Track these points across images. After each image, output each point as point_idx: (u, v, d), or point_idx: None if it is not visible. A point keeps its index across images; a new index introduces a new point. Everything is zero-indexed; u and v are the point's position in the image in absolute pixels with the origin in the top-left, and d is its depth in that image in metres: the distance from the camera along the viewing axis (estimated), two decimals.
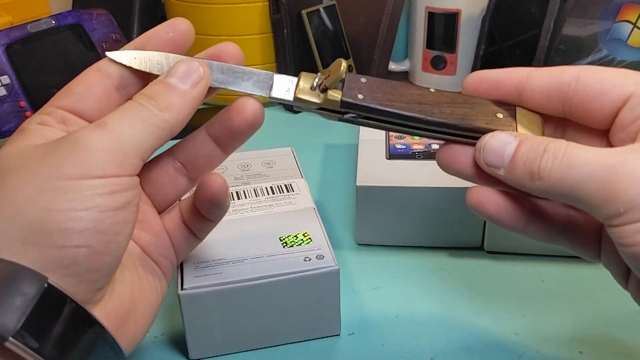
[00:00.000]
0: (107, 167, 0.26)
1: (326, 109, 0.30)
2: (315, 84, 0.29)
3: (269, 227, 0.38)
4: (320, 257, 0.36)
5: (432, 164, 0.45)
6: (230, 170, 0.45)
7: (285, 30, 0.64)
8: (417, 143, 0.48)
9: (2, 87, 0.54)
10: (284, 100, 0.30)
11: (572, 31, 0.68)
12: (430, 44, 0.73)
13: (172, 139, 0.30)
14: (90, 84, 0.30)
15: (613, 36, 0.66)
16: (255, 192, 0.42)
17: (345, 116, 0.30)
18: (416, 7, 0.72)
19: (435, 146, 0.48)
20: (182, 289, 0.34)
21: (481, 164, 0.29)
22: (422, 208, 0.44)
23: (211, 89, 0.31)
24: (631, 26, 0.66)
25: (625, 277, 0.29)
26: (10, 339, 0.23)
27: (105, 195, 0.26)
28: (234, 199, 0.41)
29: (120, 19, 0.66)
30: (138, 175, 0.28)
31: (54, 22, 0.59)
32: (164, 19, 0.72)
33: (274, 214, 0.40)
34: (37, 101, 0.56)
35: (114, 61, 0.30)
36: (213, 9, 0.65)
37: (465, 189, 0.42)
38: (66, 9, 0.65)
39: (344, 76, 0.29)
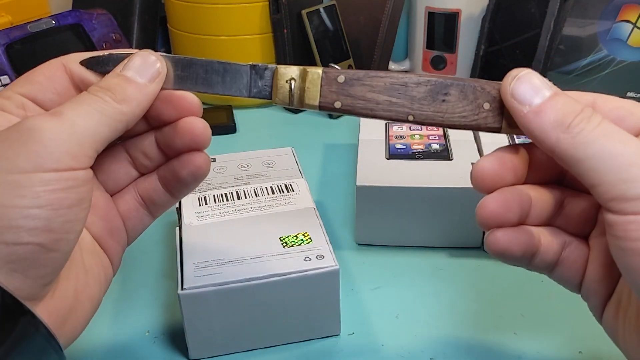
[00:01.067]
0: (62, 159, 0.25)
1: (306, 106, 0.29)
2: (292, 90, 0.29)
3: (269, 227, 0.38)
4: (320, 257, 0.36)
5: (432, 163, 0.46)
6: (230, 170, 0.45)
7: (285, 30, 0.64)
8: (417, 143, 0.48)
9: (2, 87, 0.54)
10: (262, 98, 0.29)
11: (572, 31, 0.68)
12: (430, 44, 0.73)
13: None
14: (52, 76, 0.29)
15: (613, 36, 0.67)
16: (255, 192, 0.42)
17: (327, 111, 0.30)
18: (416, 7, 0.72)
19: (435, 146, 0.48)
20: (182, 289, 0.34)
21: (506, 95, 0.27)
22: (421, 208, 0.44)
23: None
24: (631, 26, 0.66)
25: (601, 307, 0.29)
26: None
27: (58, 191, 0.25)
28: (234, 199, 0.41)
29: (120, 19, 0.66)
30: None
31: (54, 22, 0.59)
32: (164, 19, 0.72)
33: (274, 214, 0.40)
34: None
35: (81, 63, 0.29)
36: (213, 9, 0.65)
37: (466, 189, 0.43)
38: (66, 9, 0.65)
39: (319, 87, 0.28)
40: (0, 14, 0.68)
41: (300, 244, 0.37)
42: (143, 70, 0.29)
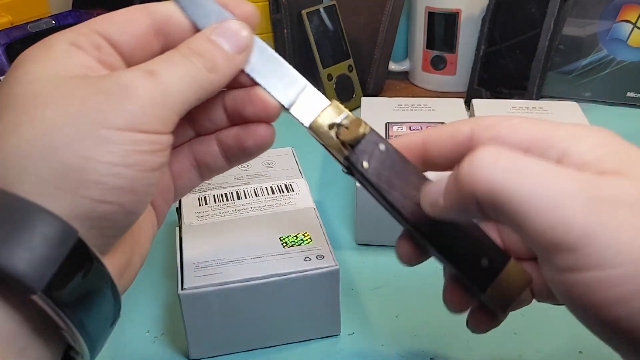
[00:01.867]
0: (153, 123, 0.25)
1: (331, 153, 0.28)
2: (335, 124, 0.27)
3: (269, 227, 0.38)
4: (320, 257, 0.36)
5: None
6: (230, 170, 0.45)
7: (285, 30, 0.64)
8: None
9: None
10: (298, 120, 0.28)
11: (572, 31, 0.68)
12: (430, 44, 0.73)
13: None
14: (133, 18, 0.27)
15: (613, 36, 0.67)
16: (255, 192, 0.42)
17: (345, 170, 0.28)
18: (416, 7, 0.72)
19: None
20: (182, 289, 0.34)
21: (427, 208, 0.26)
22: None
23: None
24: (631, 26, 0.66)
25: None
26: (39, 292, 0.22)
27: (145, 153, 0.24)
28: (234, 199, 0.41)
29: None
30: None
31: (54, 22, 0.59)
32: None
33: (274, 214, 0.40)
34: None
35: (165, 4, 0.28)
36: None
37: None
38: (66, 9, 0.65)
39: (361, 138, 0.26)
40: (0, 14, 0.68)
41: (300, 244, 0.37)
42: (233, 40, 0.28)
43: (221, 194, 0.42)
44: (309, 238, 0.37)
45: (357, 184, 0.44)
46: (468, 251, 0.26)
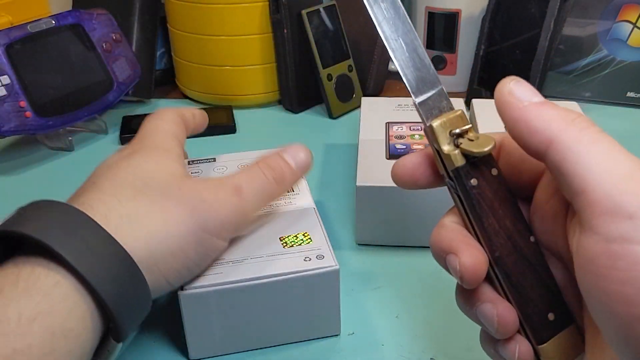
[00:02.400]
0: (231, 232, 0.35)
1: (440, 157, 0.26)
2: (457, 132, 0.26)
3: (269, 227, 0.38)
4: (320, 257, 0.36)
5: None
6: (230, 169, 0.45)
7: (285, 30, 0.64)
8: (417, 143, 0.48)
9: (2, 87, 0.54)
10: (421, 115, 0.27)
11: (572, 31, 0.68)
12: (430, 44, 0.73)
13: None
14: (182, 127, 0.40)
15: (613, 36, 0.67)
16: None
17: (447, 180, 0.27)
18: (416, 7, 0.72)
19: None
20: (182, 289, 0.34)
21: (503, 94, 0.26)
22: (421, 208, 0.44)
23: None
24: (631, 26, 0.66)
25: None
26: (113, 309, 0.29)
27: (213, 259, 0.35)
28: None
29: (120, 19, 0.66)
30: None
31: (54, 22, 0.59)
32: (164, 19, 0.72)
33: (273, 213, 0.39)
34: (37, 101, 0.56)
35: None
36: (213, 9, 0.65)
37: None
38: (66, 9, 0.65)
39: (481, 155, 0.25)
40: (0, 14, 0.68)
41: (300, 244, 0.37)
42: (298, 158, 0.37)
43: None
44: (309, 238, 0.37)
45: (357, 184, 0.44)
46: (539, 301, 0.25)
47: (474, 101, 0.55)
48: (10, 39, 0.55)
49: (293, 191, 0.42)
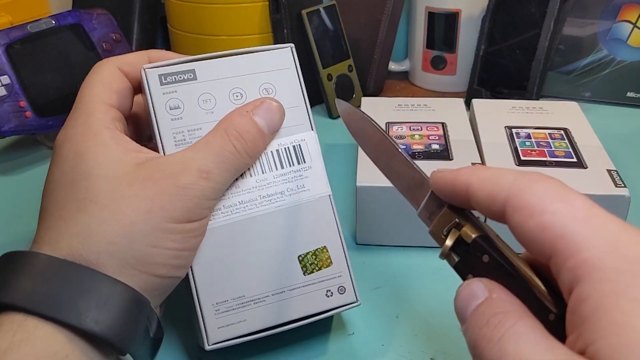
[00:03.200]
0: (204, 212, 0.32)
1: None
2: (444, 234, 0.27)
3: (285, 239, 0.34)
4: (341, 290, 0.35)
5: (432, 164, 0.46)
6: (220, 103, 0.34)
7: (285, 30, 0.64)
8: (417, 143, 0.48)
9: (2, 87, 0.54)
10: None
11: (572, 31, 0.68)
12: (430, 44, 0.73)
13: None
14: (120, 82, 0.34)
15: (613, 36, 0.67)
16: (260, 162, 0.34)
17: (452, 255, 0.26)
18: (416, 7, 0.72)
19: (435, 146, 0.48)
20: (208, 345, 0.32)
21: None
22: None
23: None
24: (631, 26, 0.66)
25: None
26: (128, 356, 0.29)
27: (198, 236, 0.32)
28: (236, 179, 0.33)
29: (120, 19, 0.66)
30: None
31: (54, 22, 0.59)
32: (164, 19, 0.72)
33: (286, 210, 0.34)
34: (37, 101, 0.56)
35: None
36: (213, 9, 0.65)
37: None
38: (66, 9, 0.65)
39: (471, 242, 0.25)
40: (0, 14, 0.68)
41: (320, 268, 0.34)
42: (272, 123, 0.33)
43: None
44: (329, 258, 0.35)
45: (357, 184, 0.44)
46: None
47: (474, 101, 0.55)
48: (10, 39, 0.55)
49: (304, 161, 0.35)
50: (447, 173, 0.26)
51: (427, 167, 0.45)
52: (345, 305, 0.35)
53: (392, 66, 0.76)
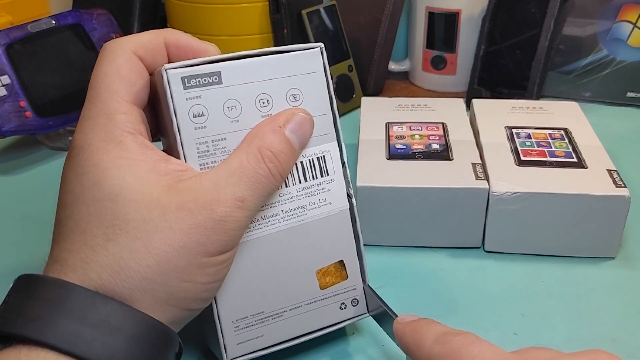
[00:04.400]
0: (237, 242, 0.30)
1: None
2: None
3: (304, 254, 0.33)
4: (354, 302, 0.35)
5: (432, 164, 0.46)
6: (247, 111, 0.31)
7: (285, 30, 0.64)
8: (418, 143, 0.48)
9: (2, 87, 0.54)
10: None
11: (572, 31, 0.68)
12: (430, 44, 0.73)
13: None
14: (140, 70, 0.30)
15: (613, 36, 0.67)
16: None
17: None
18: (416, 7, 0.72)
19: (435, 146, 0.48)
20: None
21: None
22: (421, 208, 0.44)
23: None
24: (631, 26, 0.66)
25: None
26: None
27: (227, 266, 0.30)
28: None
29: (120, 19, 0.66)
30: None
31: (54, 22, 0.59)
32: (164, 19, 0.72)
33: (308, 224, 0.33)
34: (37, 101, 0.56)
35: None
36: (213, 9, 0.65)
37: (466, 189, 0.43)
38: (66, 9, 0.65)
39: None
40: (0, 14, 0.68)
41: (336, 282, 0.34)
42: (304, 138, 0.31)
43: None
44: (345, 272, 0.35)
45: (357, 184, 0.44)
46: None
47: (474, 101, 0.55)
48: (10, 39, 0.55)
49: (327, 173, 0.34)
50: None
51: (428, 167, 0.46)
52: (357, 316, 0.35)
53: (392, 66, 0.76)
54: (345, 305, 0.35)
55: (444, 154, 0.47)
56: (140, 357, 0.26)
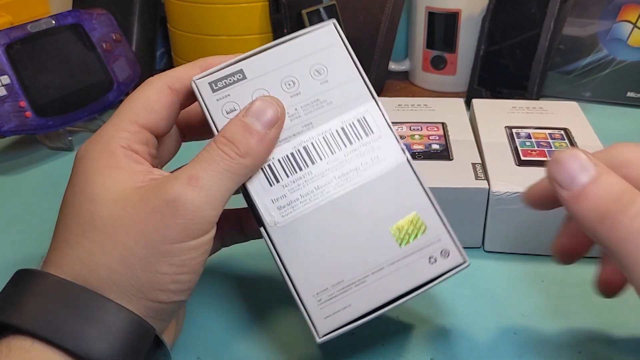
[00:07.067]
0: (202, 227, 0.29)
1: None
2: None
3: (372, 215, 0.32)
4: (445, 253, 0.32)
5: (432, 164, 0.46)
6: (275, 93, 0.33)
7: (285, 30, 0.64)
8: (417, 143, 0.48)
9: (2, 87, 0.54)
10: None
11: (572, 31, 0.68)
12: (430, 44, 0.73)
13: None
14: (166, 103, 0.33)
15: (613, 36, 0.67)
16: (327, 144, 0.33)
17: None
18: (416, 7, 0.72)
19: (435, 146, 0.48)
20: (319, 337, 0.31)
21: (548, 176, 0.28)
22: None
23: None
24: (631, 26, 0.66)
25: None
26: None
27: (199, 256, 0.29)
28: (306, 164, 0.33)
29: (120, 19, 0.66)
30: None
31: (54, 22, 0.59)
32: (164, 19, 0.72)
33: (365, 186, 0.32)
34: (37, 101, 0.56)
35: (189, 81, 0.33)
36: (213, 9, 0.65)
37: (466, 189, 0.43)
38: (66, 9, 0.65)
39: None
40: (0, 14, 0.68)
41: (416, 235, 0.32)
42: (265, 119, 0.31)
43: (287, 157, 0.33)
44: (423, 225, 0.32)
45: None
46: None
47: (474, 101, 0.55)
48: (10, 39, 0.55)
49: (372, 132, 0.33)
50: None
51: (428, 167, 0.46)
52: (454, 268, 0.32)
53: (392, 66, 0.76)
54: (435, 259, 0.32)
55: (444, 154, 0.47)
56: (112, 347, 0.27)
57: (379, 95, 0.75)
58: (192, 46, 0.68)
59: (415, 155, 0.47)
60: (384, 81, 0.73)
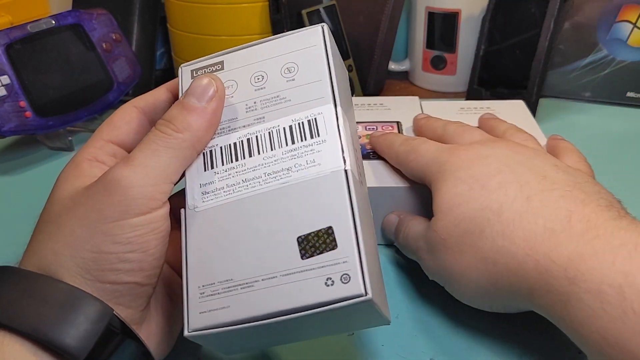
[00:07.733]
0: (143, 204, 0.29)
1: None
2: None
3: (285, 216, 0.30)
4: (345, 278, 0.27)
5: (386, 163, 0.45)
6: (242, 87, 0.34)
7: (285, 30, 0.64)
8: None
9: (2, 87, 0.54)
10: None
11: (572, 31, 0.68)
12: (430, 44, 0.73)
13: None
14: (130, 119, 0.34)
15: (613, 36, 0.67)
16: (270, 139, 0.32)
17: None
18: (416, 7, 0.72)
19: None
20: (187, 331, 0.29)
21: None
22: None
23: None
24: (631, 26, 0.66)
25: None
26: None
27: (146, 234, 0.29)
28: (244, 156, 0.32)
29: (120, 19, 0.66)
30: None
31: (54, 22, 0.59)
32: (164, 19, 0.72)
33: (292, 187, 0.30)
34: (37, 101, 0.56)
35: (144, 96, 0.35)
36: (213, 9, 0.65)
37: (422, 188, 0.42)
38: (66, 9, 0.65)
39: None
40: (0, 14, 0.68)
41: (322, 251, 0.28)
42: (200, 94, 0.32)
43: (229, 146, 0.32)
44: (334, 240, 0.28)
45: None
46: None
47: (423, 102, 0.54)
48: (10, 39, 0.55)
49: (318, 134, 0.31)
50: None
51: (381, 166, 0.45)
52: (350, 298, 0.27)
53: (392, 66, 0.76)
54: (333, 282, 0.27)
55: None
56: (70, 328, 0.27)
57: (378, 95, 0.75)
58: (192, 46, 0.68)
59: (370, 155, 0.46)
60: (384, 81, 0.73)
